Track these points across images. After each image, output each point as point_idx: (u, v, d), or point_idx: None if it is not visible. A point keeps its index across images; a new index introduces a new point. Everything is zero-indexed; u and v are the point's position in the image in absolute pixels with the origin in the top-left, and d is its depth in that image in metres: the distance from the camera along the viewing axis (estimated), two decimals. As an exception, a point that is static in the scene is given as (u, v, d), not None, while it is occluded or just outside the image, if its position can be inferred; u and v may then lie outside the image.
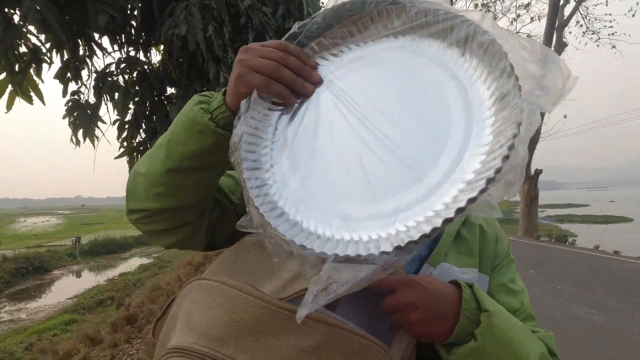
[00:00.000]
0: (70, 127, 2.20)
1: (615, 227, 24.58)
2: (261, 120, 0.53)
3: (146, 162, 0.60)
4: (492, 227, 0.76)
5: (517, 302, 0.69)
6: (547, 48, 0.47)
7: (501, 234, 0.77)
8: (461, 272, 0.66)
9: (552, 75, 0.45)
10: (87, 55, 2.32)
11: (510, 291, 0.70)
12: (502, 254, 0.74)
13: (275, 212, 0.47)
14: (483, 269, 0.70)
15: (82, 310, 11.47)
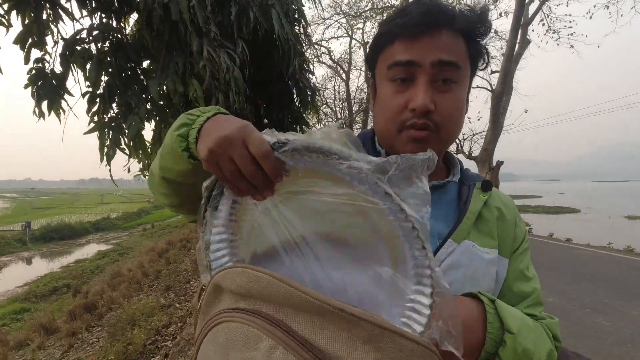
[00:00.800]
0: (33, 98, 2.01)
1: (565, 217, 26.36)
2: (226, 215, 0.54)
3: (154, 162, 0.66)
4: (511, 211, 0.77)
5: (530, 288, 0.71)
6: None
7: (520, 219, 0.79)
8: (484, 251, 0.68)
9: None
10: (52, 20, 2.11)
11: (525, 278, 0.72)
12: (520, 238, 0.76)
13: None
14: (503, 251, 0.72)
15: (34, 299, 10.97)
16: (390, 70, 0.66)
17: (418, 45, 0.64)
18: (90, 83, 1.89)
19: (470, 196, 0.72)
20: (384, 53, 0.68)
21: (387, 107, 0.67)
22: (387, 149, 0.74)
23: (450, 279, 0.64)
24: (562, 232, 13.09)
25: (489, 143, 16.29)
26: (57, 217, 31.88)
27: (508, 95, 16.39)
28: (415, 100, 0.63)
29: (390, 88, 0.67)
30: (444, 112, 0.64)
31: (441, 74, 0.64)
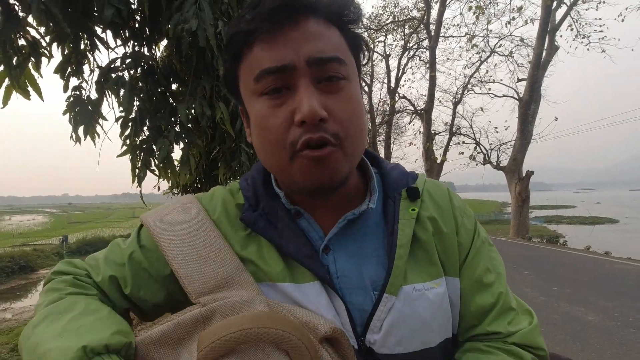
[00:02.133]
0: (70, 123, 2.12)
1: (602, 227, 25.03)
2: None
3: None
4: (447, 212, 0.63)
5: (491, 299, 0.60)
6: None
7: (462, 212, 0.64)
8: (428, 288, 0.57)
9: None
10: (89, 49, 2.24)
11: (483, 287, 0.61)
12: (467, 243, 0.62)
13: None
14: (450, 271, 0.60)
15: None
16: (259, 83, 0.52)
17: (283, 42, 0.50)
18: (124, 108, 1.98)
19: (397, 220, 0.59)
20: (244, 62, 0.54)
21: (267, 129, 0.52)
22: (284, 183, 0.60)
23: (397, 338, 0.55)
24: (600, 245, 12.42)
25: (517, 152, 15.82)
26: (91, 230, 33.09)
27: (536, 103, 15.94)
28: (301, 109, 0.48)
29: (264, 105, 0.52)
30: (341, 117, 0.51)
31: (323, 72, 0.51)
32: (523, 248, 10.96)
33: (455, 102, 21.41)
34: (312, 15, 0.52)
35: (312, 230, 0.60)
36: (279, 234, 0.58)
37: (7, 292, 15.88)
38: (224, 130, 2.17)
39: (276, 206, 0.61)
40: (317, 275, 0.55)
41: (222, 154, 2.33)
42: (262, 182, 0.64)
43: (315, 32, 0.51)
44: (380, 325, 0.55)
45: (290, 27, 0.50)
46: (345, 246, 0.59)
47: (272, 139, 0.52)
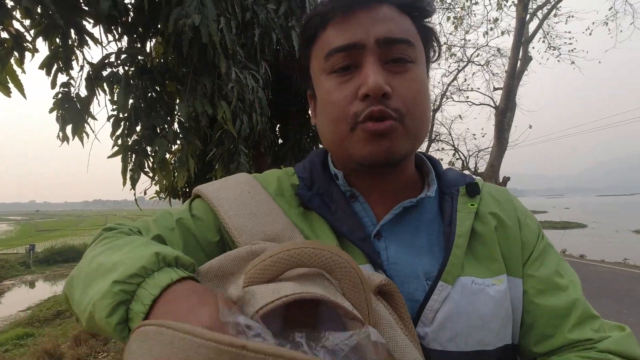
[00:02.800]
0: (57, 122, 1.99)
1: (572, 232, 26.05)
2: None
3: (77, 301, 0.46)
4: (510, 211, 0.61)
5: (567, 300, 0.54)
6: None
7: (524, 213, 0.62)
8: (488, 284, 0.53)
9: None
10: (77, 45, 2.12)
11: (555, 289, 0.55)
12: (532, 242, 0.59)
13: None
14: (512, 270, 0.56)
15: (37, 324, 10.77)
16: (328, 61, 0.53)
17: (356, 23, 0.52)
18: (119, 106, 1.88)
19: (454, 212, 0.57)
20: (317, 44, 0.56)
21: (331, 104, 0.53)
22: (341, 160, 0.59)
23: (452, 334, 0.50)
24: (574, 248, 12.90)
25: (494, 159, 16.28)
26: (61, 239, 31.79)
27: (512, 112, 16.48)
28: (367, 82, 0.49)
29: (332, 81, 0.53)
30: (405, 95, 0.51)
31: (391, 52, 0.52)
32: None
33: (434, 109, 21.93)
34: (386, 2, 0.53)
35: (366, 215, 0.58)
36: (332, 215, 0.56)
37: (-32, 304, 14.96)
38: (222, 131, 2.10)
39: (331, 188, 0.60)
40: (370, 258, 0.53)
41: (220, 156, 2.25)
42: (321, 165, 0.63)
43: (387, 16, 0.52)
44: (433, 317, 0.51)
45: (363, 11, 0.52)
46: (398, 235, 0.57)
47: (335, 112, 0.53)
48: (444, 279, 0.52)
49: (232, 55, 1.97)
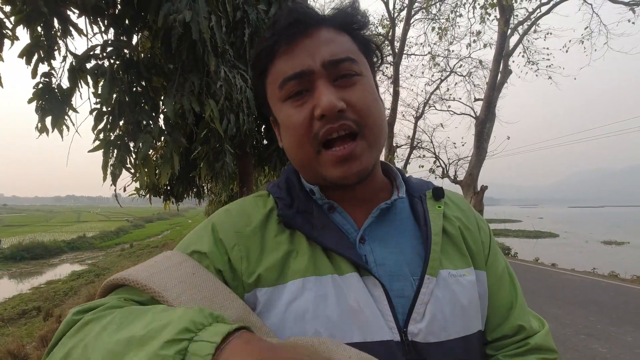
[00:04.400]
0: (37, 112, 1.92)
1: (544, 241, 26.92)
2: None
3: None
4: (469, 215, 0.68)
5: (514, 292, 0.65)
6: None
7: (480, 219, 0.70)
8: (460, 274, 0.60)
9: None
10: (60, 35, 2.05)
11: (506, 280, 0.65)
12: (487, 241, 0.67)
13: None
14: (477, 264, 0.63)
15: (0, 323, 10.33)
16: (283, 89, 0.57)
17: (300, 51, 0.56)
18: (103, 99, 1.82)
19: (427, 213, 0.63)
20: (270, 75, 0.60)
21: (292, 128, 0.57)
22: (312, 179, 0.62)
23: (442, 323, 0.55)
24: (545, 257, 13.33)
25: (473, 168, 16.68)
26: (30, 235, 30.55)
27: (491, 122, 16.96)
28: (320, 104, 0.53)
29: (289, 107, 0.57)
30: (359, 106, 0.55)
31: (338, 71, 0.56)
32: (478, 259, 11.46)
33: (416, 117, 22.26)
34: (323, 25, 0.58)
35: (346, 223, 0.61)
36: (315, 230, 0.58)
37: None
38: (209, 130, 2.07)
39: (310, 203, 0.62)
40: (358, 265, 0.55)
41: (205, 154, 2.21)
42: (297, 182, 0.65)
43: (327, 39, 0.56)
44: (424, 312, 0.54)
45: (305, 38, 0.56)
46: (380, 236, 0.61)
47: (297, 135, 0.56)
48: (429, 273, 0.56)
49: (221, 54, 1.95)
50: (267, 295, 0.54)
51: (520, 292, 0.66)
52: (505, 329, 0.62)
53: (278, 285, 0.54)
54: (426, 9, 19.41)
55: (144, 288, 0.48)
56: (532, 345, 0.61)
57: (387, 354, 0.51)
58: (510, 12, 15.27)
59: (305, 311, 0.52)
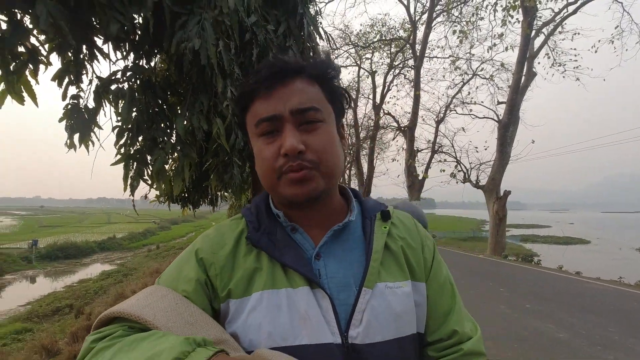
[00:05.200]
0: (66, 130, 2.15)
1: (575, 248, 25.93)
2: None
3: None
4: (414, 235, 0.80)
5: (452, 301, 0.77)
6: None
7: (425, 236, 0.81)
8: (397, 286, 0.71)
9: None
10: (88, 59, 2.28)
11: (446, 291, 0.77)
12: (430, 259, 0.78)
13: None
14: (417, 277, 0.75)
15: (36, 319, 10.84)
16: (258, 127, 0.69)
17: (275, 98, 0.68)
18: (122, 118, 2.03)
19: (372, 232, 0.74)
20: (249, 113, 0.72)
21: (262, 159, 0.70)
22: (276, 199, 0.75)
23: (376, 328, 0.66)
24: (572, 265, 12.88)
25: (495, 172, 16.35)
26: (63, 235, 31.95)
27: (515, 126, 16.58)
28: (285, 145, 0.65)
29: (262, 142, 0.70)
30: (316, 148, 0.67)
31: (303, 118, 0.68)
32: (499, 266, 11.25)
33: (437, 120, 22.00)
34: (299, 76, 0.70)
35: (305, 242, 0.73)
36: (278, 249, 0.70)
37: (-31, 297, 15.12)
38: (218, 144, 2.24)
39: (275, 226, 0.74)
40: (310, 279, 0.67)
41: (215, 167, 2.39)
42: (265, 208, 0.77)
43: (299, 89, 0.69)
44: (361, 318, 0.66)
45: (281, 86, 0.68)
46: (333, 253, 0.72)
47: (265, 166, 0.69)
48: (366, 285, 0.68)
49: (229, 75, 2.12)
50: (235, 305, 0.67)
51: (459, 301, 0.78)
52: (442, 332, 0.74)
53: (244, 297, 0.67)
54: (447, 11, 19.20)
55: (137, 319, 0.60)
56: (465, 350, 0.72)
57: (328, 354, 0.63)
58: (533, 14, 14.91)
59: (263, 318, 0.65)
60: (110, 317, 0.63)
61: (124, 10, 1.88)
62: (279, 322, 0.64)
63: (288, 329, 0.64)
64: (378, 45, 25.56)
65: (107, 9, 1.88)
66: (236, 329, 0.66)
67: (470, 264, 11.41)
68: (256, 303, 0.66)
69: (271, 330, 0.64)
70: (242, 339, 0.65)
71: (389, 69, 26.16)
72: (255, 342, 0.64)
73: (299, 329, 0.64)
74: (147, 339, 0.56)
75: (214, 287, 0.69)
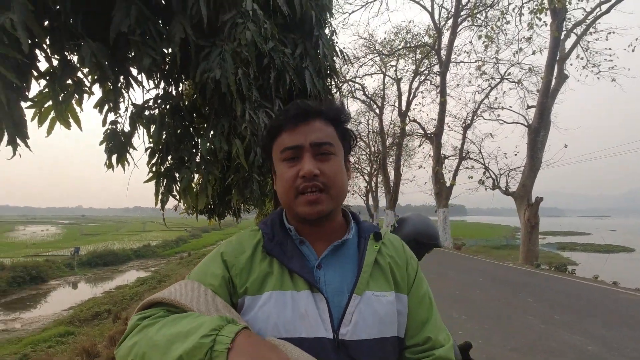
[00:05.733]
0: (105, 152, 2.42)
1: (617, 256, 24.53)
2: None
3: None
4: (401, 255, 0.94)
5: (429, 313, 0.90)
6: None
7: (410, 258, 0.96)
8: (382, 295, 0.85)
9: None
10: (124, 87, 2.56)
11: (424, 304, 0.91)
12: (413, 275, 0.93)
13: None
14: (401, 289, 0.89)
15: (77, 323, 11.45)
16: (283, 154, 0.86)
17: (299, 133, 0.85)
18: (154, 141, 2.28)
19: (365, 250, 0.89)
20: (276, 142, 0.89)
21: (284, 179, 0.85)
22: (290, 217, 0.91)
23: (362, 327, 0.80)
24: (612, 274, 12.24)
25: (526, 178, 15.84)
26: (102, 243, 33.51)
27: (546, 130, 16.04)
28: (303, 169, 0.82)
29: (285, 166, 0.86)
30: (328, 174, 0.84)
31: (320, 150, 0.85)
32: (529, 275, 10.90)
33: (465, 126, 21.62)
34: (318, 117, 0.88)
35: (310, 253, 0.88)
36: (287, 257, 0.86)
37: (17, 302, 16.18)
38: (239, 162, 2.45)
39: (287, 238, 0.90)
40: (311, 284, 0.82)
41: (236, 182, 2.61)
42: (279, 222, 0.94)
43: (318, 127, 0.87)
44: (351, 319, 0.80)
45: (303, 124, 0.86)
46: (332, 264, 0.87)
47: (286, 186, 0.85)
48: (356, 292, 0.83)
49: (247, 99, 2.33)
50: (249, 301, 0.83)
51: (436, 313, 0.92)
52: (418, 338, 0.88)
53: (257, 295, 0.83)
54: (472, 16, 18.96)
55: (177, 304, 0.76)
56: (437, 356, 0.86)
57: (322, 346, 0.77)
58: (562, 16, 14.48)
59: (271, 312, 0.80)
60: (153, 302, 0.78)
61: (155, 46, 2.12)
62: (283, 316, 0.79)
63: (290, 323, 0.79)
64: (403, 52, 25.51)
65: (141, 45, 2.13)
66: (249, 319, 0.82)
67: (498, 273, 11.12)
68: (266, 300, 0.81)
69: (277, 322, 0.79)
70: (253, 327, 0.81)
71: (415, 75, 26.02)
72: (263, 330, 0.80)
73: (300, 324, 0.78)
74: (187, 317, 0.71)
75: (234, 284, 0.85)
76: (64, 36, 2.05)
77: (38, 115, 2.19)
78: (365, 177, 45.22)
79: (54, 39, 2.04)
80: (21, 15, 1.66)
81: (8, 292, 17.31)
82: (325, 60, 3.52)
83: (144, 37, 2.12)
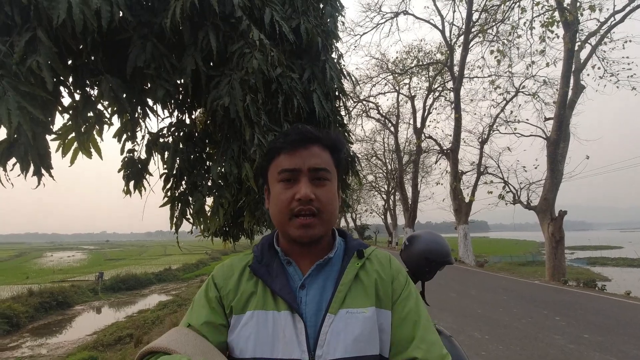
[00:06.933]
0: (123, 179, 2.55)
1: (651, 271, 23.30)
2: None
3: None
4: (388, 270, 0.93)
5: (413, 332, 0.85)
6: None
7: (397, 273, 0.94)
8: (359, 312, 0.84)
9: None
10: (141, 117, 2.71)
11: (410, 321, 0.86)
12: (399, 290, 0.91)
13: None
14: (383, 305, 0.87)
15: (101, 347, 11.58)
16: (280, 174, 0.88)
17: (298, 157, 0.87)
18: (168, 167, 2.39)
19: (345, 267, 0.90)
20: (274, 163, 0.91)
21: (280, 200, 0.87)
22: (281, 236, 0.93)
23: (337, 347, 0.79)
24: (646, 290, 11.66)
25: (548, 192, 15.41)
26: (125, 267, 34.07)
27: (565, 142, 15.70)
28: (300, 192, 0.84)
29: (281, 187, 0.88)
30: (322, 200, 0.86)
31: (316, 175, 0.87)
32: (556, 292, 10.46)
33: (481, 141, 21.38)
34: (317, 143, 0.91)
35: (296, 274, 0.91)
36: (271, 279, 0.88)
37: (43, 327, 16.54)
38: (249, 185, 2.53)
39: (274, 258, 0.93)
40: (291, 306, 0.83)
41: (248, 204, 2.68)
42: (268, 246, 0.97)
43: (316, 153, 0.90)
44: (325, 338, 0.80)
45: (302, 148, 0.89)
46: (315, 284, 0.88)
47: (281, 207, 0.87)
48: (330, 311, 0.83)
49: (256, 124, 2.43)
50: (234, 320, 0.87)
51: (427, 332, 0.86)
52: (402, 357, 0.83)
53: (240, 314, 0.86)
54: (483, 32, 19.05)
55: (168, 350, 0.79)
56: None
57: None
58: (575, 27, 14.38)
59: (251, 332, 0.83)
60: (149, 351, 0.83)
61: (169, 78, 2.27)
62: (263, 337, 0.82)
63: (269, 344, 0.81)
64: (416, 70, 25.71)
65: (156, 78, 2.28)
66: (232, 339, 0.86)
67: (523, 291, 10.72)
68: (248, 319, 0.85)
69: (255, 343, 0.82)
70: (235, 347, 0.85)
71: (428, 92, 26.10)
72: (244, 351, 0.83)
73: (277, 345, 0.80)
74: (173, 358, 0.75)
75: (223, 305, 0.89)
76: (86, 73, 2.22)
77: (62, 146, 2.33)
78: (382, 196, 44.90)
79: (76, 76, 2.21)
80: (46, 57, 1.82)
81: (35, 317, 17.72)
82: (333, 82, 3.62)
83: (159, 70, 2.26)
